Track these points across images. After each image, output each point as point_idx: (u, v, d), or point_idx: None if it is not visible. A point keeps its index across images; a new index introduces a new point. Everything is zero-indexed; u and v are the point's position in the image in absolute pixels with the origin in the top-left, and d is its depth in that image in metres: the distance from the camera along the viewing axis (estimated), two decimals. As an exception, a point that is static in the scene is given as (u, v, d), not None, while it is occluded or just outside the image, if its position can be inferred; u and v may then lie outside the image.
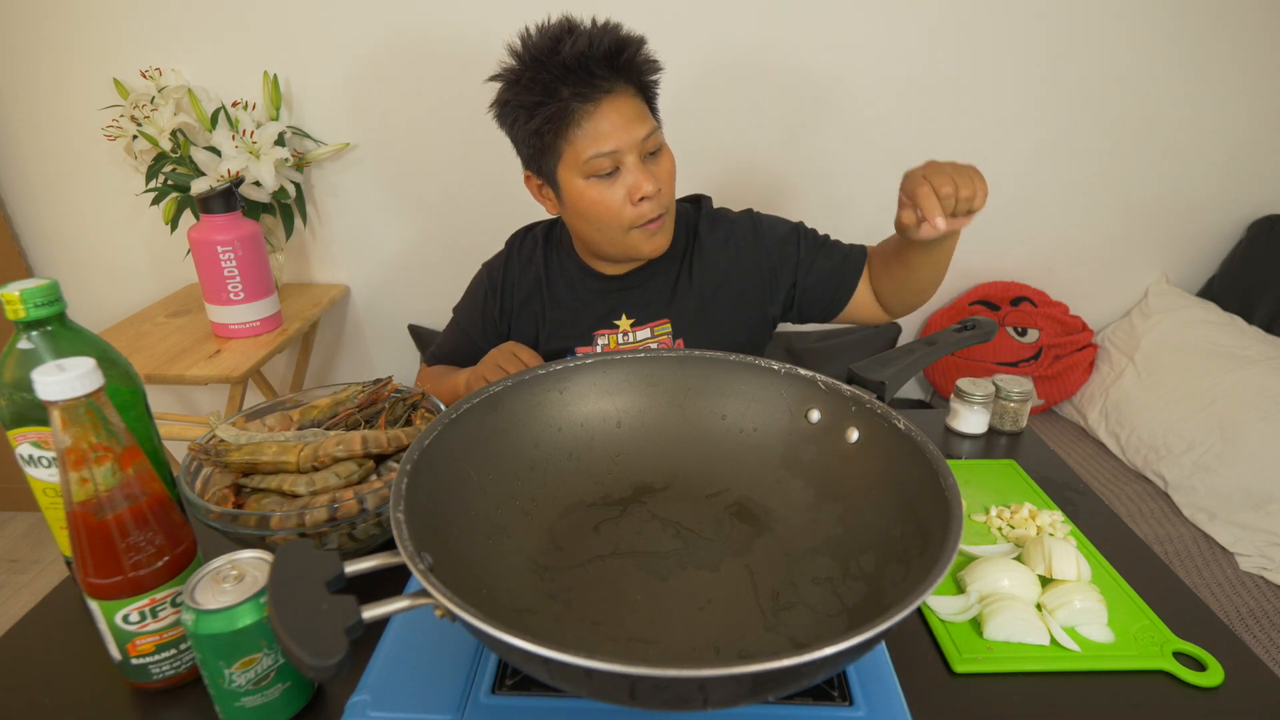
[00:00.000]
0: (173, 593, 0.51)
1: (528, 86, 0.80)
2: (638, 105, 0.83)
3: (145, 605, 0.50)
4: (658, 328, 0.96)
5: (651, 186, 0.83)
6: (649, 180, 0.83)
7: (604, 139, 0.80)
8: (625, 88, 0.82)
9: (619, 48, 0.80)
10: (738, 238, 0.97)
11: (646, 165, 0.84)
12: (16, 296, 0.52)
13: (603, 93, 0.80)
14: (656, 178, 0.84)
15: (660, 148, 0.86)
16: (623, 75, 0.81)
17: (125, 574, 0.49)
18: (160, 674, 0.53)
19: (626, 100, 0.81)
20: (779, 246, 0.97)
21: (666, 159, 0.87)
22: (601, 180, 0.83)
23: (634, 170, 0.83)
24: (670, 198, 0.88)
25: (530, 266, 0.99)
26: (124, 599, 0.49)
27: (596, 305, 0.96)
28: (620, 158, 0.82)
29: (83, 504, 0.46)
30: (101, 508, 0.47)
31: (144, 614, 0.50)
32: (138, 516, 0.48)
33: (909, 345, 0.65)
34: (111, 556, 0.48)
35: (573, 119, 0.80)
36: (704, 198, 1.03)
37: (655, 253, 0.90)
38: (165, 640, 0.52)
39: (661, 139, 0.86)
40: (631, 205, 0.84)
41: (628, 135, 0.81)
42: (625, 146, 0.81)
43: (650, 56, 0.84)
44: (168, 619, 0.52)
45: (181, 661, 0.54)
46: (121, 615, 0.50)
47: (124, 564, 0.48)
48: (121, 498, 0.47)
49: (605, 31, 0.79)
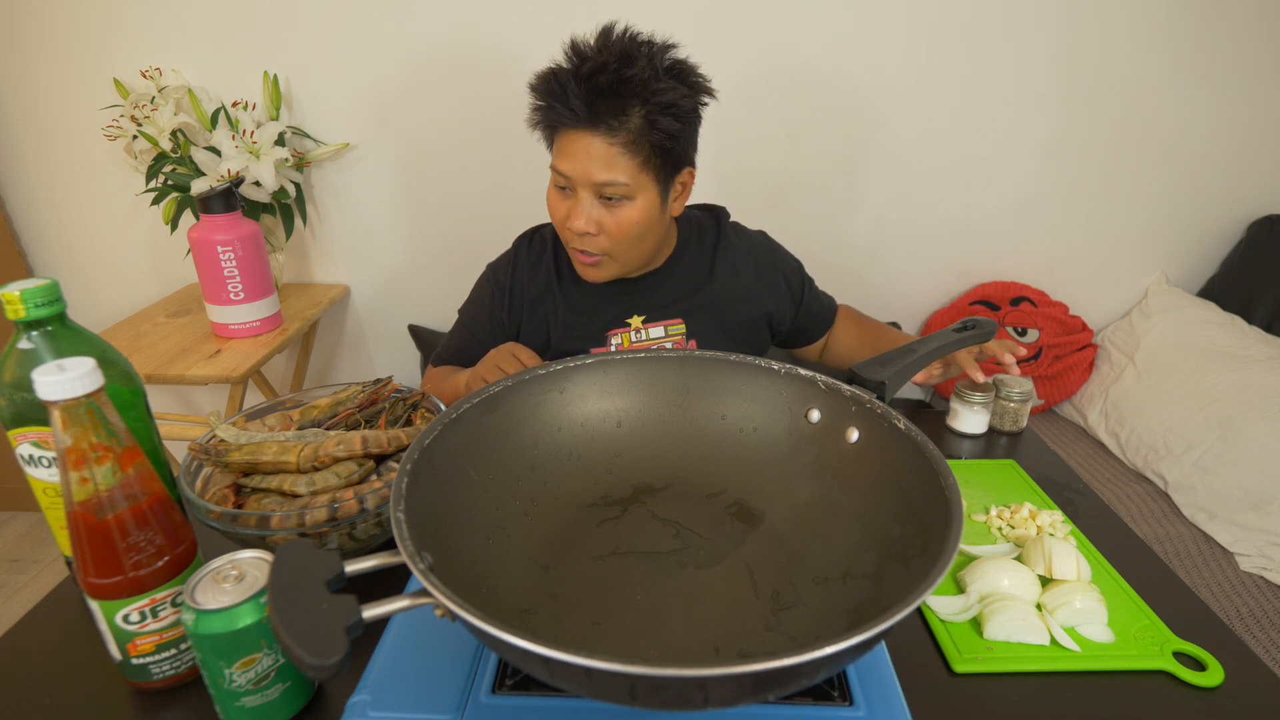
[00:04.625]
0: (173, 593, 0.51)
1: (548, 80, 0.82)
2: (610, 152, 0.80)
3: (145, 605, 0.50)
4: (671, 326, 0.97)
5: (581, 225, 0.84)
6: (581, 219, 0.84)
7: (564, 160, 0.83)
8: (609, 135, 0.80)
9: (617, 92, 0.78)
10: (759, 254, 1.01)
11: (598, 205, 0.84)
12: (17, 296, 0.52)
13: (582, 122, 0.80)
14: (600, 223, 0.84)
15: (624, 198, 0.83)
16: (607, 123, 0.79)
17: (125, 574, 0.49)
18: (160, 674, 0.53)
19: (598, 144, 0.80)
20: (794, 275, 1.04)
21: (628, 212, 0.84)
22: (559, 188, 0.86)
23: (580, 202, 0.84)
24: (617, 247, 0.87)
25: (540, 267, 0.99)
26: (124, 599, 0.49)
27: (609, 307, 0.97)
28: (573, 184, 0.84)
29: (83, 504, 0.46)
30: (101, 508, 0.47)
31: (144, 614, 0.50)
32: (138, 516, 0.48)
33: (909, 345, 0.65)
34: (111, 556, 0.48)
35: (555, 127, 0.83)
36: (721, 210, 1.03)
37: (588, 278, 0.93)
38: (165, 640, 0.52)
39: (630, 193, 0.83)
40: (564, 226, 0.87)
41: (583, 171, 0.82)
42: (575, 179, 0.83)
43: (665, 121, 0.80)
44: (168, 619, 0.52)
45: (181, 661, 0.54)
46: (122, 615, 0.50)
47: (124, 564, 0.48)
48: (121, 498, 0.47)
49: (600, 74, 0.78)
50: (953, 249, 1.71)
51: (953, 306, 1.76)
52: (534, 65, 0.85)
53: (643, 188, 0.83)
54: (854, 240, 1.69)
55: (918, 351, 0.65)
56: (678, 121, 0.81)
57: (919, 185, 1.62)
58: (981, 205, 1.64)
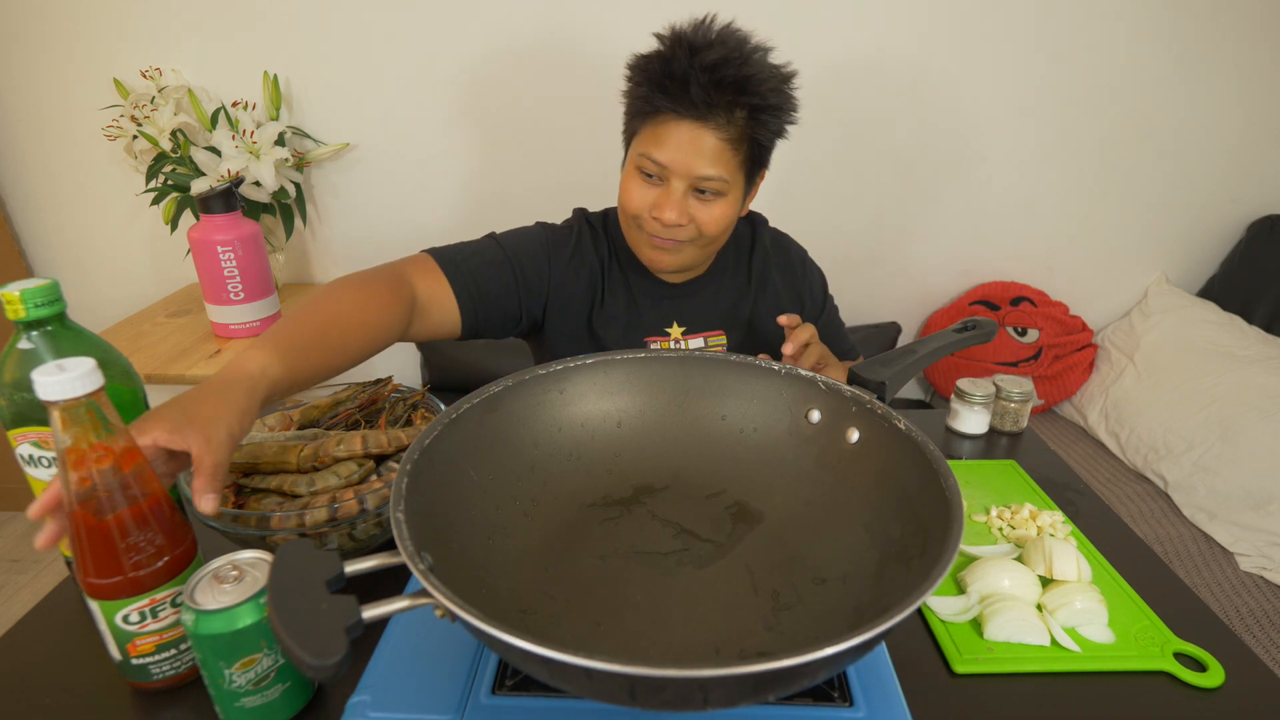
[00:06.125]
0: (173, 593, 0.51)
1: (649, 66, 0.79)
2: (717, 147, 0.79)
3: (145, 605, 0.50)
4: (712, 338, 0.95)
5: (672, 217, 0.81)
6: (673, 210, 0.81)
7: (663, 149, 0.79)
8: (719, 129, 0.78)
9: (724, 89, 0.77)
10: (794, 265, 1.00)
11: (690, 198, 0.82)
12: (17, 296, 0.52)
13: (696, 113, 0.77)
14: (694, 216, 0.82)
15: (717, 195, 0.82)
16: (721, 117, 0.78)
17: (125, 574, 0.49)
18: (160, 674, 0.53)
19: (707, 137, 0.78)
20: (820, 292, 1.03)
21: (719, 207, 0.83)
22: (644, 175, 0.83)
23: (672, 193, 0.81)
24: (700, 240, 0.85)
25: (592, 256, 0.94)
26: (124, 599, 0.49)
27: (651, 309, 0.94)
28: (667, 174, 0.81)
29: (83, 504, 0.46)
30: (101, 508, 0.47)
31: (144, 614, 0.50)
32: (138, 517, 0.48)
33: (909, 345, 0.65)
34: (111, 556, 0.48)
35: (655, 114, 0.80)
36: (758, 216, 1.01)
37: (651, 264, 0.89)
38: (165, 640, 0.52)
39: (725, 189, 0.82)
40: (649, 215, 0.83)
41: (685, 164, 0.79)
42: (675, 169, 0.80)
43: (773, 123, 0.80)
44: (168, 619, 0.52)
45: (182, 662, 0.54)
46: (121, 615, 0.50)
47: (124, 564, 0.48)
48: (122, 498, 0.47)
49: (724, 66, 0.76)
50: (952, 249, 1.71)
51: (953, 306, 1.76)
52: (533, 65, 0.84)
53: (735, 186, 0.83)
54: (854, 240, 1.69)
55: (918, 352, 0.65)
56: (780, 124, 0.81)
57: (919, 185, 1.62)
58: (981, 205, 1.64)
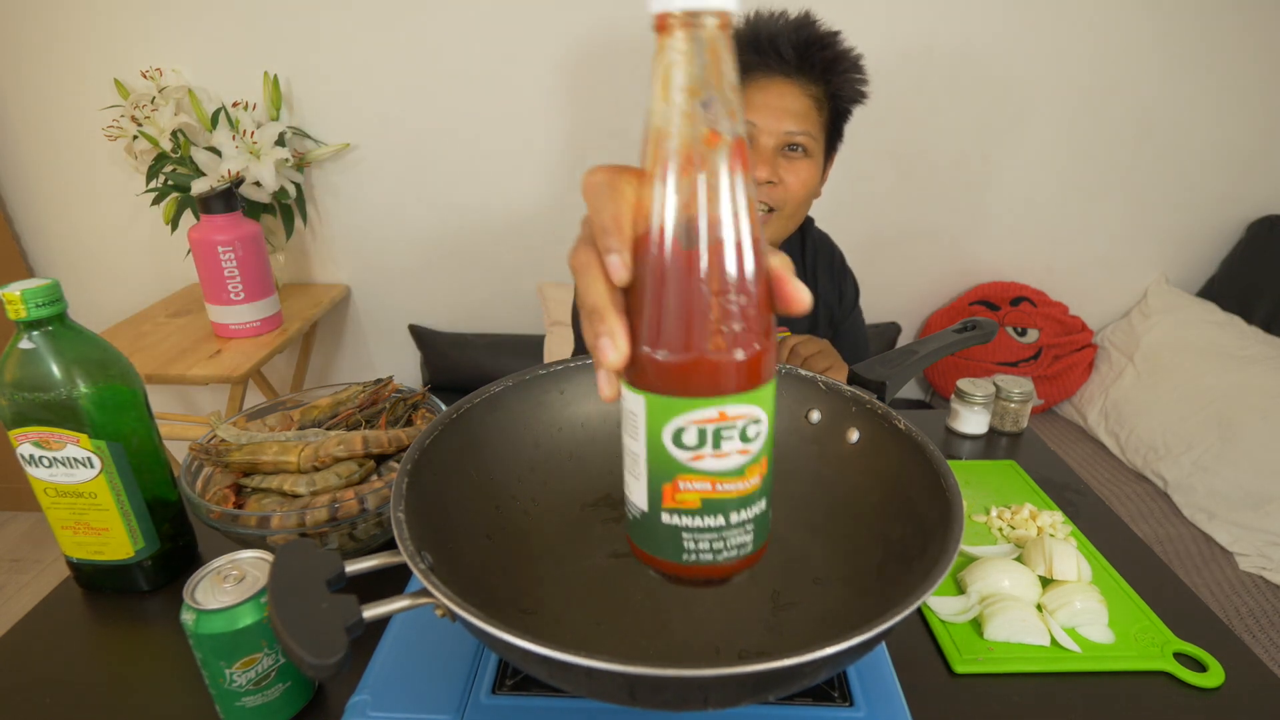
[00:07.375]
0: (746, 415, 0.32)
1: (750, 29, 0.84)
2: (804, 105, 0.83)
3: (713, 419, 0.31)
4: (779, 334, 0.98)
5: (764, 174, 0.84)
6: (765, 167, 0.83)
7: (753, 109, 0.82)
8: (805, 86, 0.82)
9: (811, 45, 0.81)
10: (835, 267, 1.03)
11: (779, 157, 0.84)
12: (17, 296, 0.52)
13: (788, 68, 0.81)
14: (781, 175, 0.84)
15: (804, 154, 0.85)
16: (808, 74, 0.82)
17: (704, 351, 0.30)
18: (700, 555, 0.35)
19: (795, 94, 0.82)
20: (851, 298, 1.05)
21: (804, 168, 0.86)
22: None
23: (762, 150, 0.84)
24: (789, 203, 0.87)
25: None
26: (692, 398, 0.30)
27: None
28: (755, 133, 0.83)
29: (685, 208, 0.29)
30: (692, 232, 0.29)
31: (704, 434, 0.31)
32: (740, 266, 0.30)
33: (909, 346, 0.65)
34: (692, 315, 0.30)
35: (745, 74, 0.83)
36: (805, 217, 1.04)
37: None
38: (715, 496, 0.33)
39: (811, 148, 0.85)
40: None
41: (775, 119, 0.82)
42: (765, 127, 0.82)
43: (854, 82, 0.85)
44: (732, 456, 0.32)
45: (725, 542, 0.35)
46: (674, 427, 0.31)
47: (705, 333, 0.30)
48: (730, 224, 0.29)
49: (809, 27, 0.82)
50: (953, 249, 1.71)
51: (953, 306, 1.76)
52: (533, 65, 0.85)
53: (816, 152, 0.86)
54: (854, 240, 1.69)
55: (918, 352, 0.65)
56: (858, 87, 0.85)
57: (919, 185, 1.62)
58: (981, 205, 1.65)
